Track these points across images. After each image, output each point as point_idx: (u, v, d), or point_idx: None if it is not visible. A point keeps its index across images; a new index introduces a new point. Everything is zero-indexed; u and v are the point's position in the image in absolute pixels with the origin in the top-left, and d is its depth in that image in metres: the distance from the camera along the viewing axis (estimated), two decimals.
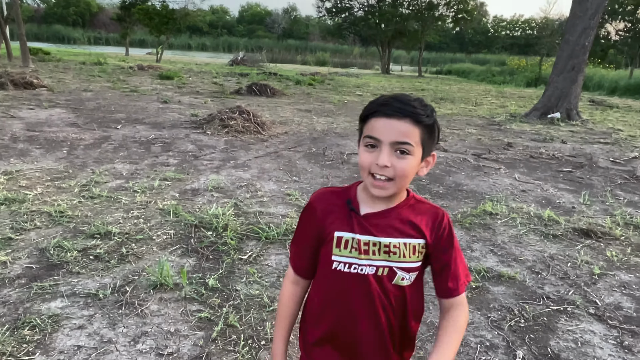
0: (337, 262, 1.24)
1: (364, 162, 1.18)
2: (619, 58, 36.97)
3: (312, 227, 1.29)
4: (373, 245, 1.22)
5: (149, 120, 8.53)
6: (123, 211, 4.16)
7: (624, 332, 2.82)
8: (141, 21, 29.94)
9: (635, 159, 7.83)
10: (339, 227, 1.24)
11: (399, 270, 1.24)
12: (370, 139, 1.16)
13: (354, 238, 1.22)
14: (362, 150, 1.20)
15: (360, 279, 1.23)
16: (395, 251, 1.22)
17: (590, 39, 11.83)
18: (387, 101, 1.16)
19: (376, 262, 1.22)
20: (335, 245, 1.23)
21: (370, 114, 1.17)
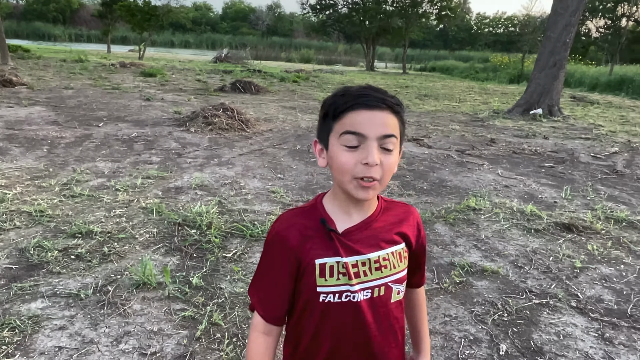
0: (325, 293, 1.07)
1: (346, 164, 1.02)
2: (600, 55, 37.53)
3: (284, 262, 1.09)
4: (362, 265, 1.09)
5: (131, 118, 8.43)
6: (105, 210, 4.11)
7: (605, 325, 2.86)
8: (123, 18, 29.57)
9: (615, 154, 7.95)
10: (319, 253, 1.07)
11: (394, 284, 1.13)
12: (352, 135, 1.00)
13: (339, 262, 1.07)
14: (340, 151, 1.02)
15: (351, 308, 1.09)
16: (385, 264, 1.11)
17: (571, 35, 11.98)
18: (364, 92, 1.02)
19: (370, 282, 1.10)
20: (319, 275, 1.07)
21: (348, 107, 1.01)
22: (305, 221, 1.10)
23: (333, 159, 1.05)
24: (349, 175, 1.02)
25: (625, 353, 2.60)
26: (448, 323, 2.79)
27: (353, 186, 1.04)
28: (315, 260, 1.07)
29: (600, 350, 2.61)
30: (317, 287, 1.08)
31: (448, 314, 2.88)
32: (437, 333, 2.69)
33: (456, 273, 3.38)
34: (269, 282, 1.13)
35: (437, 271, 3.41)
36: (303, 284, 1.09)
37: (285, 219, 1.13)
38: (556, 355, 2.55)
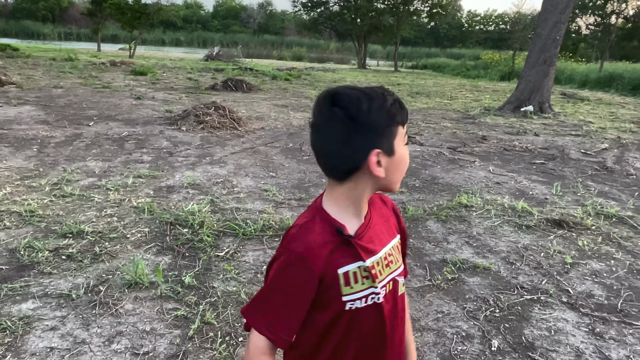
0: (351, 300, 1.06)
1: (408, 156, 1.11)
2: (590, 52, 37.77)
3: (306, 285, 1.03)
4: (377, 264, 1.09)
5: (122, 117, 8.38)
6: (96, 210, 4.08)
7: (596, 320, 2.89)
8: (113, 16, 29.30)
9: (605, 151, 8.01)
10: (340, 262, 1.05)
11: (399, 277, 1.16)
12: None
13: (360, 267, 1.06)
14: (405, 150, 1.09)
15: (375, 309, 1.10)
16: (391, 259, 1.13)
17: (561, 32, 12.05)
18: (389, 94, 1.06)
19: (384, 280, 1.11)
20: (344, 284, 1.05)
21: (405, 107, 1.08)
22: (320, 236, 1.05)
23: (402, 161, 1.08)
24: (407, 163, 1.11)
25: (616, 347, 2.62)
26: (440, 319, 2.81)
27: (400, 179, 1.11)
28: (338, 271, 1.05)
29: (591, 345, 2.64)
30: (342, 297, 1.05)
31: (440, 311, 2.90)
32: (430, 329, 2.70)
33: (448, 270, 3.40)
34: (284, 305, 1.06)
35: (430, 268, 3.42)
36: (325, 299, 1.05)
37: (301, 239, 1.05)
38: (547, 350, 2.57)
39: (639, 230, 4.38)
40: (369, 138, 1.02)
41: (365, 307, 1.08)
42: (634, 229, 4.41)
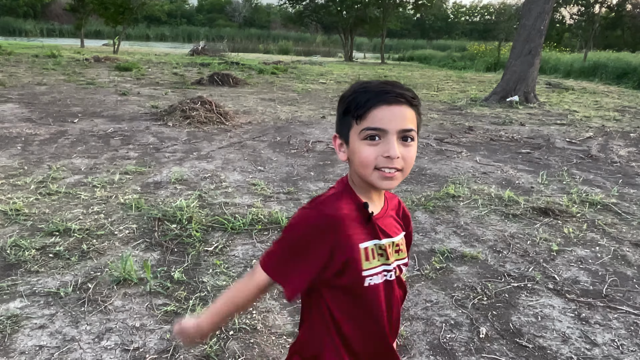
0: (370, 275, 1.13)
1: (368, 158, 1.06)
2: (574, 41, 38.13)
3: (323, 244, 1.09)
4: (389, 247, 1.17)
5: (107, 113, 8.30)
6: (83, 207, 4.05)
7: (581, 305, 2.94)
8: (96, 11, 28.90)
9: (590, 139, 8.11)
10: (361, 237, 1.12)
11: (404, 267, 1.24)
12: (372, 131, 1.05)
13: (376, 244, 1.14)
14: (361, 145, 1.07)
15: (390, 286, 1.18)
16: (402, 248, 1.22)
17: (545, 22, 12.13)
18: (384, 88, 1.06)
19: (394, 263, 1.19)
20: (364, 259, 1.12)
21: (369, 105, 1.05)
22: (346, 206, 1.12)
23: (355, 153, 1.10)
24: (370, 167, 1.08)
25: (601, 332, 2.67)
26: (429, 308, 2.83)
27: (376, 177, 1.08)
28: (360, 245, 1.12)
29: (577, 330, 2.68)
30: (362, 272, 1.12)
31: (429, 300, 2.93)
32: (419, 318, 2.73)
33: (436, 259, 3.43)
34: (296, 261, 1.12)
35: (418, 258, 3.45)
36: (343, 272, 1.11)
37: (330, 202, 1.13)
38: (534, 336, 2.61)
39: (623, 217, 4.45)
40: (336, 120, 1.16)
41: (381, 284, 1.16)
42: (618, 216, 4.48)
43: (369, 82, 1.10)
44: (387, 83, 1.08)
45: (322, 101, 11.41)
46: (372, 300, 1.16)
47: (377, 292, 1.15)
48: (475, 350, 2.48)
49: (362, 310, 1.16)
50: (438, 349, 2.47)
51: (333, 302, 1.15)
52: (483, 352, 2.47)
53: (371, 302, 1.16)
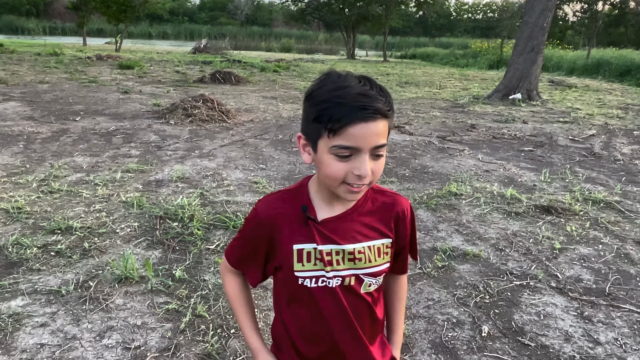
0: (302, 277, 1.12)
1: (337, 173, 1.02)
2: (577, 39, 37.97)
3: (260, 241, 1.16)
4: (336, 254, 1.12)
5: (109, 112, 8.30)
6: (84, 205, 4.05)
7: (584, 304, 2.92)
8: (98, 9, 28.91)
9: (593, 137, 8.08)
10: (297, 239, 1.11)
11: (366, 277, 1.15)
12: (345, 150, 0.99)
13: (315, 249, 1.11)
14: (330, 160, 1.01)
15: (329, 292, 1.13)
16: (360, 257, 1.13)
17: (548, 20, 12.08)
18: (361, 102, 0.97)
19: (342, 272, 1.13)
20: (296, 260, 1.11)
21: (344, 122, 0.97)
22: (287, 206, 1.13)
23: (323, 165, 1.04)
24: (339, 182, 1.04)
25: (604, 330, 2.66)
26: (431, 307, 2.83)
27: (342, 191, 1.05)
28: (294, 246, 1.12)
29: (580, 328, 2.67)
30: (294, 272, 1.13)
31: (431, 298, 2.92)
32: (421, 317, 2.72)
33: (438, 258, 3.42)
34: (246, 254, 1.21)
35: (420, 256, 3.44)
36: (285, 266, 1.14)
37: (268, 202, 1.16)
38: (537, 334, 2.60)
39: (627, 215, 4.43)
40: (303, 120, 1.08)
41: (317, 288, 1.13)
42: (622, 214, 4.46)
43: (345, 89, 0.99)
44: (364, 94, 0.98)
45: None
46: (310, 301, 1.15)
47: (314, 295, 1.14)
48: (478, 348, 2.47)
49: (302, 308, 1.17)
50: (440, 348, 2.46)
51: (280, 293, 1.21)
52: (485, 350, 2.46)
53: (308, 302, 1.15)
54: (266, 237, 1.15)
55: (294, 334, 1.20)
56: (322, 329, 1.16)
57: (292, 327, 1.20)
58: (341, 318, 1.15)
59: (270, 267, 1.19)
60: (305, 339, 1.19)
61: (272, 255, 1.17)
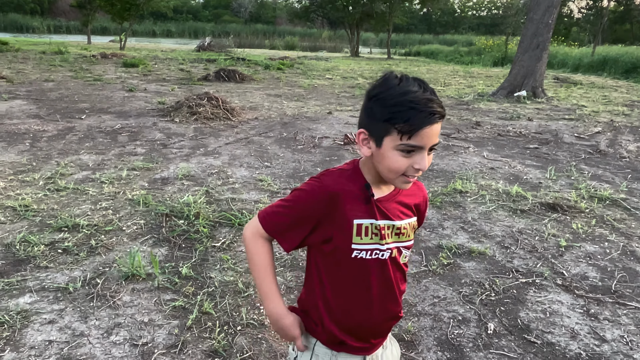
0: (358, 250, 1.22)
1: (400, 168, 1.15)
2: (582, 35, 37.76)
3: (317, 214, 1.22)
4: (388, 229, 1.25)
5: (114, 110, 8.33)
6: (91, 203, 4.07)
7: (590, 301, 2.92)
8: (102, 8, 28.96)
9: (598, 134, 8.05)
10: (358, 214, 1.21)
11: (404, 250, 1.31)
12: (414, 148, 1.13)
13: (372, 224, 1.22)
14: (395, 154, 1.14)
15: (381, 264, 1.26)
16: (404, 232, 1.29)
17: (553, 17, 12.02)
18: (432, 108, 1.11)
19: (391, 244, 1.26)
20: (355, 234, 1.21)
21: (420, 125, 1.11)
22: (350, 183, 1.23)
23: (386, 159, 1.16)
24: (399, 174, 1.17)
25: (610, 328, 2.66)
26: (437, 304, 2.83)
27: (400, 181, 1.20)
28: (354, 221, 1.21)
29: (586, 326, 2.67)
30: (352, 244, 1.22)
31: (437, 296, 2.92)
32: (427, 314, 2.72)
33: (444, 255, 3.42)
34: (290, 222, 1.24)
35: (425, 254, 3.44)
36: (337, 239, 1.22)
37: (333, 177, 1.24)
38: (543, 332, 2.60)
39: (632, 212, 4.42)
40: (365, 117, 1.20)
41: (371, 260, 1.24)
42: (627, 211, 4.45)
43: (414, 94, 1.11)
44: (431, 100, 1.12)
45: (328, 97, 11.39)
46: (359, 273, 1.25)
47: (366, 267, 1.24)
48: (483, 346, 2.47)
49: (348, 280, 1.26)
50: (446, 345, 2.47)
51: (323, 265, 1.28)
52: (491, 348, 2.46)
53: (357, 275, 1.25)
54: (325, 209, 1.21)
55: (337, 305, 1.28)
56: (367, 298, 1.27)
57: (335, 299, 1.27)
58: (387, 286, 1.29)
59: (315, 237, 1.24)
60: (346, 309, 1.28)
61: (323, 227, 1.23)
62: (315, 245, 1.28)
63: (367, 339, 1.33)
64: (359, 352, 1.33)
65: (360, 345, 1.32)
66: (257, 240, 1.29)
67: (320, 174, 1.26)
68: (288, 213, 1.25)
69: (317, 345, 1.33)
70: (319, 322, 1.31)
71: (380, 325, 1.34)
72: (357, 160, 1.29)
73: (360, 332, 1.31)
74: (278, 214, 1.27)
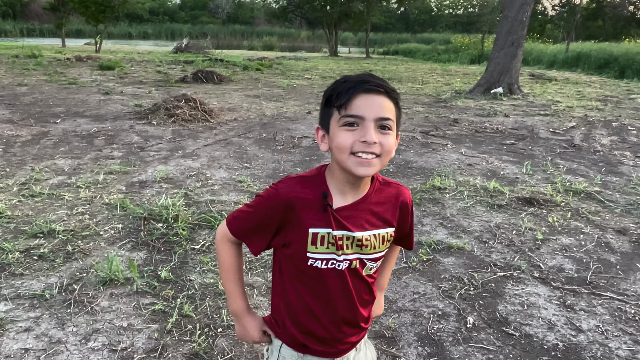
0: (313, 259, 1.21)
1: (344, 142, 1.12)
2: (556, 32, 38.38)
3: (274, 220, 1.22)
4: (347, 239, 1.21)
5: (90, 113, 8.21)
6: (67, 208, 4.01)
7: (567, 293, 2.98)
8: (76, 10, 28.44)
9: (573, 129, 8.20)
10: (314, 223, 1.19)
11: (369, 262, 1.27)
12: (351, 118, 1.11)
13: (329, 234, 1.19)
14: (339, 131, 1.13)
15: (338, 274, 1.23)
16: (367, 244, 1.24)
17: (527, 14, 12.21)
18: (363, 78, 1.12)
19: (350, 256, 1.23)
20: (310, 243, 1.20)
21: (348, 93, 1.11)
22: (307, 191, 1.20)
23: (333, 139, 1.15)
24: (347, 152, 1.12)
25: (587, 318, 2.71)
26: (417, 300, 2.85)
27: (352, 162, 1.13)
28: (310, 229, 1.19)
29: (563, 317, 2.72)
30: (307, 253, 1.21)
31: (417, 292, 2.94)
32: (407, 310, 2.74)
33: (423, 251, 3.45)
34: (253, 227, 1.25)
35: (405, 250, 3.46)
36: (294, 246, 1.21)
37: (289, 185, 1.22)
38: (521, 324, 2.64)
39: (607, 205, 4.52)
40: (319, 115, 1.22)
41: (327, 269, 1.22)
42: (602, 204, 4.54)
43: (349, 75, 1.16)
44: (367, 75, 1.14)
45: (307, 97, 11.38)
46: (315, 281, 1.24)
47: (321, 276, 1.23)
48: (463, 340, 2.50)
49: (306, 285, 1.25)
50: (426, 340, 2.49)
51: (285, 267, 1.28)
52: (470, 341, 2.49)
53: (314, 282, 1.24)
54: (281, 216, 1.20)
55: (297, 308, 1.28)
56: (325, 306, 1.26)
57: (295, 301, 1.28)
58: (345, 296, 1.26)
59: (279, 240, 1.25)
60: (305, 313, 1.27)
61: (283, 232, 1.23)
62: (278, 248, 1.28)
63: (330, 343, 1.31)
64: (324, 355, 1.32)
65: (324, 349, 1.31)
66: (224, 244, 1.32)
67: (279, 181, 1.24)
68: (249, 218, 1.26)
69: (283, 347, 1.33)
70: (281, 324, 1.33)
71: (338, 333, 1.30)
72: (324, 166, 1.27)
73: (320, 337, 1.29)
74: (241, 219, 1.28)
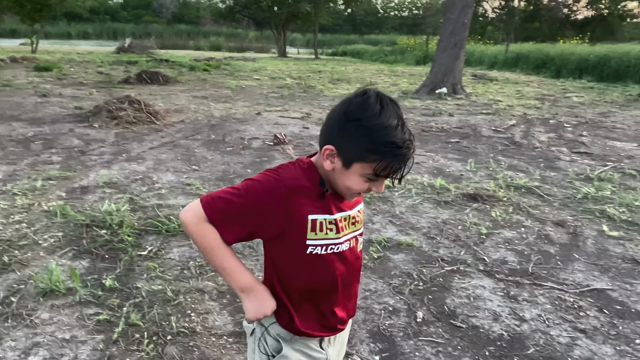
0: (313, 245, 1.22)
1: (360, 190, 1.20)
2: (496, 34, 39.90)
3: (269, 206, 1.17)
4: (345, 220, 1.27)
5: (26, 116, 7.81)
6: (2, 217, 3.79)
7: (510, 284, 3.09)
8: (10, 9, 27.01)
9: (513, 127, 8.54)
10: (312, 209, 1.20)
11: (359, 237, 1.34)
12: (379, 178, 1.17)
13: (326, 219, 1.22)
14: (359, 179, 1.17)
15: (339, 257, 1.27)
16: (358, 220, 1.32)
17: (468, 16, 12.63)
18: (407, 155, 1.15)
19: (348, 235, 1.28)
20: (310, 229, 1.20)
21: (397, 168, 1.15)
22: (305, 179, 1.21)
23: (349, 180, 1.18)
24: (355, 193, 1.23)
25: (529, 308, 2.82)
26: (368, 297, 2.89)
27: (349, 195, 1.25)
28: (309, 216, 1.20)
29: (507, 307, 2.82)
30: (306, 240, 1.21)
31: (368, 289, 2.98)
32: (359, 308, 2.77)
33: (374, 249, 3.49)
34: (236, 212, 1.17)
35: None
36: (292, 237, 1.20)
37: (291, 172, 1.21)
38: (468, 316, 2.72)
39: (546, 199, 4.73)
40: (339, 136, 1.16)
41: (327, 255, 1.24)
42: (541, 198, 4.75)
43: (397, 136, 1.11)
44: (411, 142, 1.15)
45: (256, 97, 11.30)
46: (316, 267, 1.25)
47: (326, 261, 1.25)
48: (413, 334, 2.55)
49: (305, 273, 1.25)
50: (378, 336, 2.52)
51: (280, 260, 1.26)
52: (420, 335, 2.54)
53: (314, 269, 1.25)
54: (279, 203, 1.17)
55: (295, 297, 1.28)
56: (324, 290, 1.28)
57: (293, 291, 1.27)
58: (345, 277, 1.30)
59: (264, 234, 1.22)
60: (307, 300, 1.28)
61: (273, 222, 1.18)
62: (267, 241, 1.26)
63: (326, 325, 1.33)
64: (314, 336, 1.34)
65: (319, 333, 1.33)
66: (202, 224, 1.17)
67: (277, 167, 1.23)
68: (237, 201, 1.17)
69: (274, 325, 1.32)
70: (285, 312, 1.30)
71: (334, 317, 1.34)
72: (307, 159, 1.27)
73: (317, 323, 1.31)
74: (225, 200, 1.17)
